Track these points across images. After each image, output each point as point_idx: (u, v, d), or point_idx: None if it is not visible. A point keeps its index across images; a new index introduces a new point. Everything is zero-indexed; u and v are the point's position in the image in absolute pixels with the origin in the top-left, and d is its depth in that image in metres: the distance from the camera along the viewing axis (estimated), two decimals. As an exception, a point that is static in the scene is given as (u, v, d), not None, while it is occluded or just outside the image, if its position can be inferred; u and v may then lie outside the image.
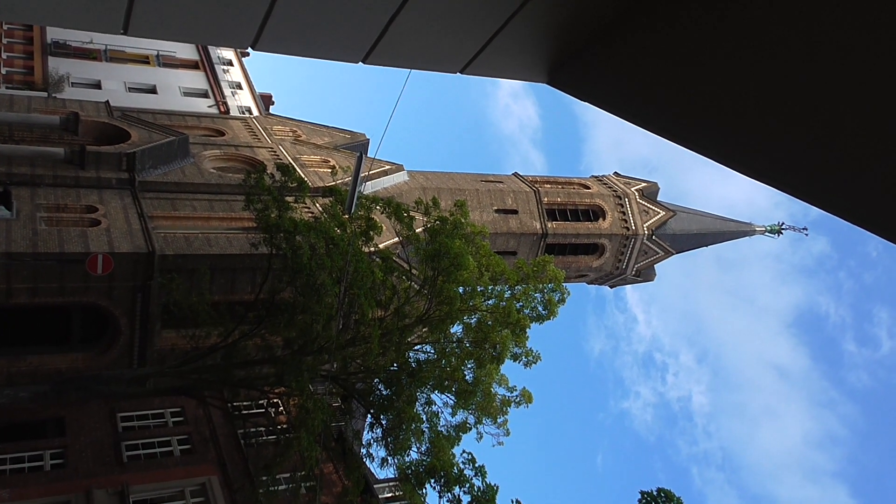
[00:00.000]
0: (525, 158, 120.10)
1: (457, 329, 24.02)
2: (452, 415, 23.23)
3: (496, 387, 23.25)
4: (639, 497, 25.76)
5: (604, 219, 37.39)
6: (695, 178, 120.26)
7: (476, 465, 21.62)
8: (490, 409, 22.99)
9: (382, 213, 24.16)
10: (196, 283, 23.49)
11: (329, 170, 32.20)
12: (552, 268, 24.40)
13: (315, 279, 21.36)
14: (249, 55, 45.71)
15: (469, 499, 20.98)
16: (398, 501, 24.96)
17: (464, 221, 23.84)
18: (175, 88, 40.81)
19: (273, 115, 40.36)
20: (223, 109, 40.02)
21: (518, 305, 23.66)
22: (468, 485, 21.09)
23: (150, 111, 34.32)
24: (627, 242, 37.50)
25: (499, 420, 23.33)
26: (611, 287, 42.17)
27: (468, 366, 23.02)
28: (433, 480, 21.28)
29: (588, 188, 38.92)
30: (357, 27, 3.37)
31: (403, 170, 34.72)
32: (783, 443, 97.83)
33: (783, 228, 42.04)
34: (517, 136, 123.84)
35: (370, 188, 30.87)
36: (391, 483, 25.37)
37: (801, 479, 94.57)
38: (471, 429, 23.12)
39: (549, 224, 36.04)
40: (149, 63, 41.69)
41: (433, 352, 23.84)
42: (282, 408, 26.06)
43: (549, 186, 38.15)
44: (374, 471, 25.15)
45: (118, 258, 23.18)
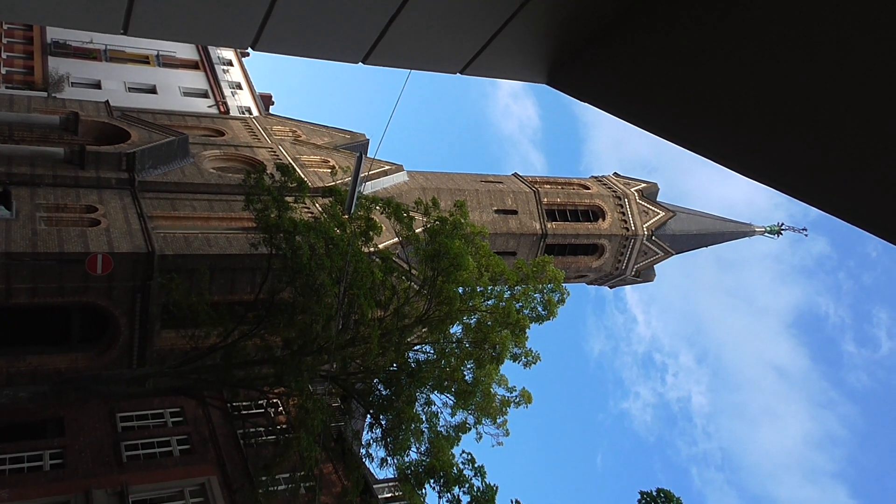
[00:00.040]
0: (525, 159, 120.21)
1: (456, 329, 24.04)
2: (452, 415, 23.26)
3: (496, 387, 23.26)
4: (638, 497, 25.77)
5: (603, 219, 37.41)
6: (694, 179, 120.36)
7: (475, 466, 21.63)
8: (489, 410, 22.99)
9: (382, 214, 24.16)
10: (196, 284, 23.49)
11: (329, 170, 32.20)
12: (552, 268, 24.41)
13: (315, 279, 21.36)
14: (249, 55, 45.73)
15: (469, 499, 20.98)
16: (398, 502, 24.96)
17: (463, 222, 23.84)
18: (175, 88, 40.81)
19: (273, 116, 40.37)
20: (223, 109, 40.02)
21: (518, 306, 23.67)
22: (468, 485, 21.09)
23: (150, 111, 34.32)
24: (627, 243, 37.51)
25: (498, 420, 23.34)
26: (610, 287, 42.18)
27: (468, 366, 23.03)
28: (433, 481, 21.28)
29: (588, 189, 38.94)
30: (357, 27, 3.37)
31: (403, 170, 34.72)
32: (783, 443, 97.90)
33: (783, 229, 42.05)
34: (517, 137, 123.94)
35: (370, 188, 30.87)
36: (391, 483, 25.36)
37: (801, 480, 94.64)
38: (470, 429, 23.13)
39: (549, 224, 36.05)
40: (149, 63, 41.69)
41: (433, 352, 23.84)
42: (281, 408, 26.06)
43: (549, 187, 38.17)
44: (374, 471, 25.17)
45: (118, 258, 23.18)
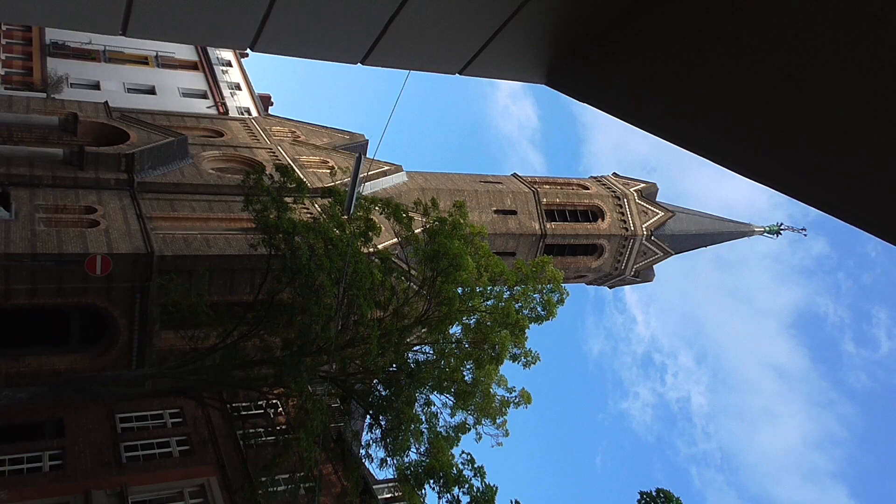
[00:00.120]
0: (524, 159, 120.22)
1: (456, 330, 24.04)
2: (451, 415, 23.26)
3: (495, 387, 23.26)
4: (638, 498, 25.80)
5: (603, 219, 37.41)
6: (693, 179, 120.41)
7: (475, 466, 21.63)
8: (489, 410, 22.99)
9: (381, 214, 24.16)
10: (195, 284, 23.48)
11: (328, 170, 32.19)
12: (551, 268, 24.42)
13: (314, 280, 21.36)
14: (248, 56, 45.71)
15: (468, 499, 20.99)
16: (397, 502, 24.96)
17: (463, 222, 23.84)
18: (174, 89, 40.79)
19: (272, 116, 40.37)
20: (222, 110, 40.01)
21: (517, 306, 23.68)
22: (467, 485, 21.09)
23: (149, 112, 34.30)
24: (626, 243, 37.51)
25: (498, 421, 23.34)
26: (610, 288, 42.18)
27: (467, 366, 23.03)
28: (432, 481, 21.28)
29: (587, 189, 38.95)
30: (356, 28, 3.37)
31: (402, 170, 34.72)
32: (782, 443, 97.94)
33: (782, 229, 42.07)
34: (516, 137, 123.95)
35: (369, 189, 30.86)
36: (390, 484, 25.36)
37: (801, 480, 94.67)
38: (470, 429, 23.13)
39: (548, 225, 36.05)
40: (148, 64, 41.67)
41: (432, 352, 23.84)
42: (281, 409, 26.05)
43: (548, 187, 38.17)
44: (374, 471, 25.16)
45: (117, 259, 23.17)
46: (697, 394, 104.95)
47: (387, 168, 33.73)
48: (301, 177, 26.06)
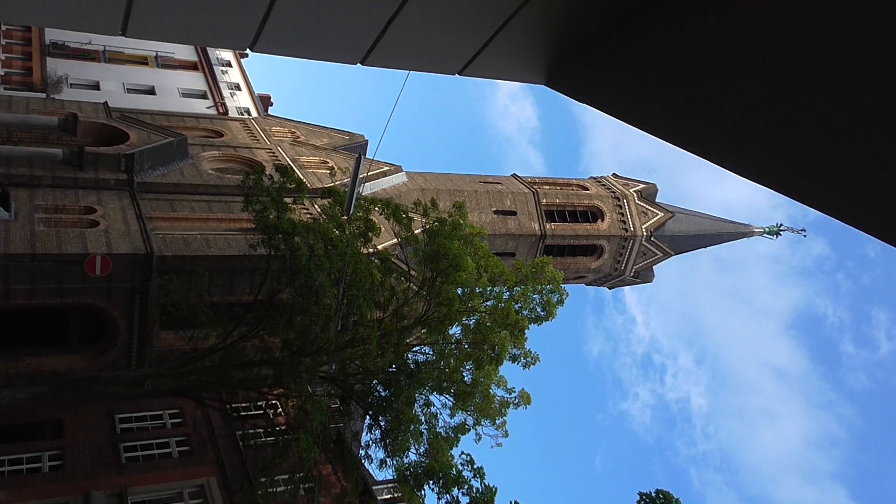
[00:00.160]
0: (524, 160, 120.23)
1: (455, 330, 24.04)
2: (451, 416, 23.26)
3: (495, 388, 23.25)
4: (637, 498, 25.71)
5: (602, 220, 37.41)
6: (693, 180, 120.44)
7: (475, 467, 21.62)
8: (489, 411, 22.98)
9: (381, 215, 24.16)
10: (194, 285, 23.47)
11: (328, 171, 32.18)
12: (551, 269, 24.41)
13: (313, 280, 21.36)
14: (248, 56, 45.71)
15: (468, 500, 20.98)
16: (397, 503, 24.95)
17: (462, 222, 23.85)
18: (174, 89, 40.79)
19: (272, 117, 40.36)
20: (222, 110, 40.00)
21: (517, 307, 23.68)
22: (467, 486, 21.08)
23: (149, 112, 34.29)
24: (626, 244, 37.51)
25: (497, 421, 23.33)
26: (609, 288, 42.18)
27: (467, 367, 23.02)
28: (432, 482, 21.28)
29: (587, 189, 38.94)
30: (355, 28, 3.37)
31: (402, 171, 34.72)
32: (782, 444, 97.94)
33: (781, 230, 42.08)
34: (516, 138, 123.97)
35: (369, 189, 30.86)
36: (390, 484, 25.35)
37: (800, 481, 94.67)
38: (469, 430, 23.12)
39: (548, 225, 36.05)
40: (147, 64, 41.67)
41: (432, 353, 23.84)
42: (280, 409, 26.04)
43: (548, 188, 38.17)
44: (373, 472, 25.15)
45: (116, 259, 23.16)
46: (697, 394, 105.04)
47: (386, 168, 33.73)
48: (301, 177, 26.06)
